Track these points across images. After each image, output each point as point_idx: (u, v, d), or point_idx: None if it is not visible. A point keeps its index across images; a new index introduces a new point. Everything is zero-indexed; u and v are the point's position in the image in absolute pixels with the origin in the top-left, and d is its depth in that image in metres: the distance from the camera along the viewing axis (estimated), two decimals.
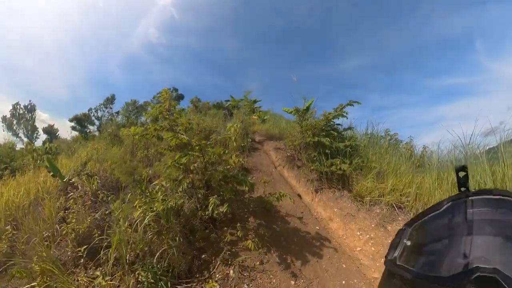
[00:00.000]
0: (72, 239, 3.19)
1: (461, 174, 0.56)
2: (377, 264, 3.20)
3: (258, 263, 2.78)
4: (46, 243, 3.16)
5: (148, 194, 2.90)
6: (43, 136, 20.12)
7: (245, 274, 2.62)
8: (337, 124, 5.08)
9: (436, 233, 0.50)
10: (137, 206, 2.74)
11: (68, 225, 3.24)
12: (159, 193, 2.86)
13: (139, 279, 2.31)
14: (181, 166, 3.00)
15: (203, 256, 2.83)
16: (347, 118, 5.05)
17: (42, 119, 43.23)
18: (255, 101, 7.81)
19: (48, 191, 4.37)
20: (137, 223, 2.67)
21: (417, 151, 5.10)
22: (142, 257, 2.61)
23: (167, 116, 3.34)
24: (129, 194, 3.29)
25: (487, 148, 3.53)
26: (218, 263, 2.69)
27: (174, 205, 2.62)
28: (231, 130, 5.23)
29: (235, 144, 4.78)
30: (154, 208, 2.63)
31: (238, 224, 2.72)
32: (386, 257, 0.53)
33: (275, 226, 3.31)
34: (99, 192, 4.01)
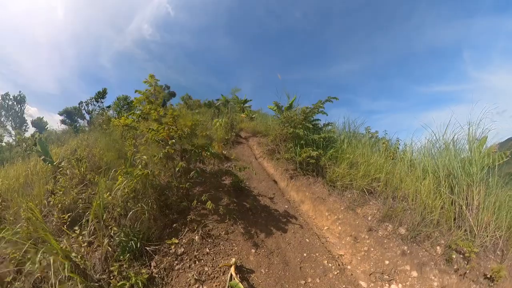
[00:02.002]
0: (58, 210, 3.43)
1: None
2: (343, 242, 3.37)
3: (223, 232, 2.99)
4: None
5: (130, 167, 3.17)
6: (31, 129, 19.13)
7: (209, 241, 2.83)
8: (316, 119, 5.37)
9: None
10: (119, 177, 3.01)
11: (56, 197, 3.49)
12: (139, 166, 3.14)
13: (111, 234, 2.54)
14: (161, 142, 3.29)
15: (174, 225, 3.04)
16: (327, 115, 5.35)
17: (30, 113, 39.14)
18: (245, 101, 8.18)
19: (38, 174, 4.60)
20: (117, 191, 2.92)
21: (392, 145, 5.32)
22: (119, 220, 2.85)
23: (153, 100, 3.68)
24: (113, 170, 3.56)
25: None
26: (186, 229, 2.91)
27: (149, 173, 2.88)
28: (217, 124, 5.55)
29: (219, 135, 5.07)
30: (133, 177, 2.90)
31: (206, 194, 2.95)
32: None
33: (246, 203, 3.54)
34: (87, 173, 4.27)
